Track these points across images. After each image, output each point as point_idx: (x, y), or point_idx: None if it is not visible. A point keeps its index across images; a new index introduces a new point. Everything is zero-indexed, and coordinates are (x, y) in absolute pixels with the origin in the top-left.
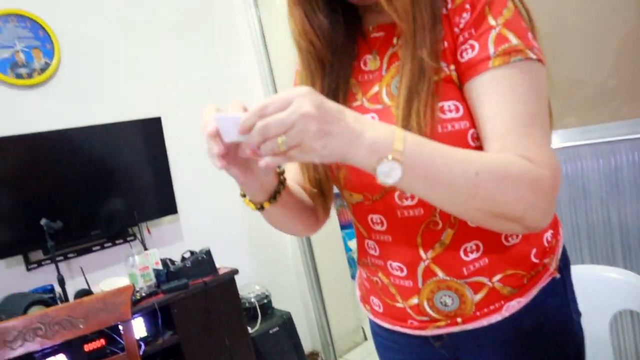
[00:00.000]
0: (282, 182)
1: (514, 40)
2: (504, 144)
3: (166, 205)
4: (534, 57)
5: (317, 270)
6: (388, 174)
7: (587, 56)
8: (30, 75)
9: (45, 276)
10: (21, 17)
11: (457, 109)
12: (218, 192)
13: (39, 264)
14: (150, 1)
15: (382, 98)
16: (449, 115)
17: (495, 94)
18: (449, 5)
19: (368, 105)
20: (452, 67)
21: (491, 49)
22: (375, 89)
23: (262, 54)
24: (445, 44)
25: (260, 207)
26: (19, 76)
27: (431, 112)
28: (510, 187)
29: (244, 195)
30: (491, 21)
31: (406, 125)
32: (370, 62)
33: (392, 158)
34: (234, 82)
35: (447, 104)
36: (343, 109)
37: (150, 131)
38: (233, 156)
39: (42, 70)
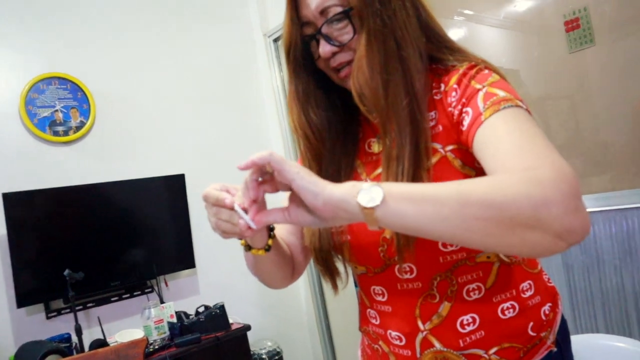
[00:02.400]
0: (272, 230)
1: (501, 93)
2: (507, 165)
3: (185, 259)
4: (524, 106)
5: (330, 327)
6: (369, 197)
7: (605, 120)
8: (66, 133)
9: (63, 324)
10: (63, 80)
11: None
12: (234, 248)
13: (59, 312)
14: (180, 66)
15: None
16: None
17: (493, 137)
18: (442, 88)
19: None
20: (449, 147)
21: (481, 105)
22: (379, 170)
23: (283, 115)
24: (440, 127)
25: (268, 248)
26: (55, 133)
27: None
28: (502, 186)
29: (248, 248)
30: (477, 86)
31: None
32: (374, 145)
33: (370, 184)
34: (255, 142)
35: None
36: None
37: (173, 187)
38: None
39: (78, 128)
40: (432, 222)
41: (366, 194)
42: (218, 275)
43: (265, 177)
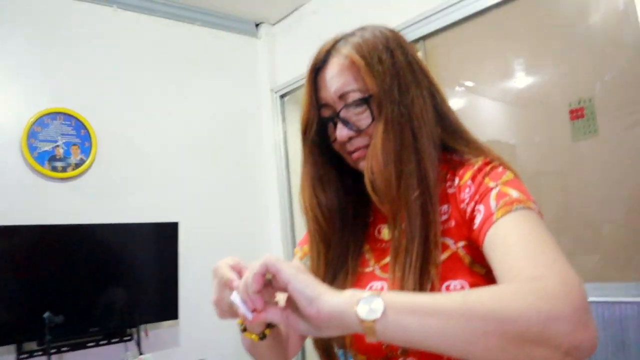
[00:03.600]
0: None
1: (514, 193)
2: (514, 273)
3: (168, 309)
4: (536, 209)
5: None
6: (369, 309)
7: (597, 202)
8: (64, 169)
9: None
10: (68, 116)
11: (463, 289)
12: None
13: (31, 354)
14: (185, 114)
15: (392, 268)
16: None
17: (503, 240)
18: (456, 182)
19: (379, 273)
20: (461, 243)
21: (493, 204)
22: (387, 259)
23: (283, 171)
24: (453, 223)
25: (263, 336)
26: (54, 168)
27: (434, 292)
28: (510, 298)
29: (244, 330)
30: (491, 184)
31: None
32: (384, 231)
33: (369, 295)
34: (252, 197)
35: (454, 283)
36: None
37: (165, 235)
38: None
39: (77, 165)
40: (437, 337)
41: (366, 304)
42: (201, 329)
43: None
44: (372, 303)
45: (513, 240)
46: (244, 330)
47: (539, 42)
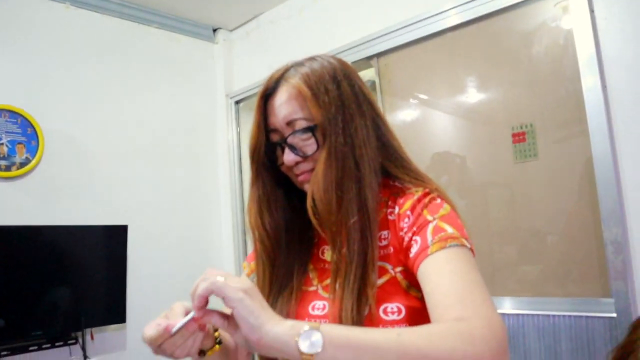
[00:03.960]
0: (217, 331)
1: (449, 229)
2: (442, 311)
3: (115, 313)
4: (468, 245)
5: None
6: (309, 343)
7: (542, 216)
8: (8, 168)
9: None
10: (14, 114)
11: (400, 311)
12: (169, 307)
13: None
14: (138, 117)
15: (333, 288)
16: (390, 317)
17: (434, 273)
18: (396, 211)
19: (322, 292)
20: (399, 269)
21: (429, 238)
22: (330, 280)
23: (236, 177)
24: (391, 249)
25: (219, 342)
26: None
27: (372, 315)
28: (439, 340)
29: (202, 354)
30: (429, 217)
31: (348, 323)
32: (327, 253)
33: (309, 328)
34: (205, 201)
35: (391, 306)
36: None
37: (114, 238)
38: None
39: (22, 164)
40: None
41: (306, 339)
42: None
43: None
44: (312, 337)
45: (444, 276)
46: (202, 354)
47: (487, 66)
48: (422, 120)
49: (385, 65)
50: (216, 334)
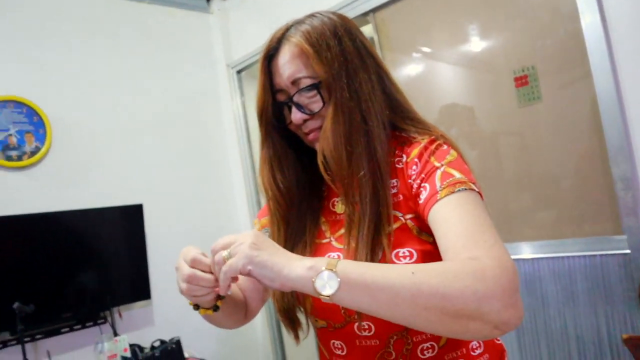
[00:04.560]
0: None
1: (457, 174)
2: (455, 251)
3: (140, 290)
4: (476, 189)
5: (286, 357)
6: (325, 285)
7: (554, 160)
8: (20, 158)
9: (10, 357)
10: (18, 104)
11: (412, 255)
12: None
13: (5, 344)
14: (141, 94)
15: (347, 240)
16: (403, 262)
17: (445, 216)
18: (404, 159)
19: (335, 244)
20: (409, 216)
21: (438, 184)
22: (342, 230)
23: (244, 145)
24: (401, 197)
25: (216, 308)
26: (8, 158)
27: (386, 261)
28: (452, 278)
29: (196, 308)
30: (436, 163)
31: None
32: (337, 205)
33: (326, 269)
34: (215, 172)
35: (402, 251)
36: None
37: (131, 217)
38: None
39: (33, 153)
40: (384, 309)
41: (322, 279)
42: (173, 307)
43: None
44: (328, 278)
45: (454, 219)
46: (197, 308)
47: (486, 12)
48: (426, 74)
49: (382, 20)
50: (218, 302)
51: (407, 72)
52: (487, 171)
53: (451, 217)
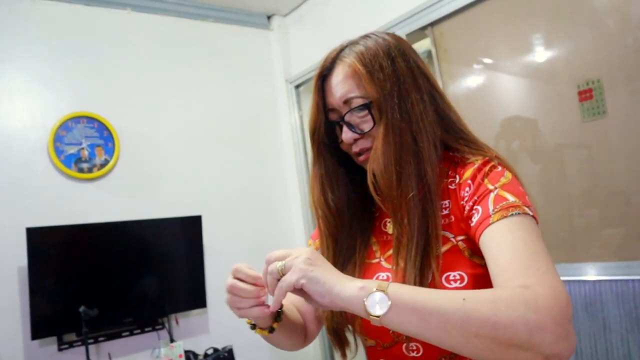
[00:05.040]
0: (278, 314)
1: (511, 198)
2: (506, 278)
3: (197, 298)
4: (531, 213)
5: None
6: (376, 306)
7: (624, 175)
8: (90, 170)
9: (75, 357)
10: (90, 119)
11: (462, 279)
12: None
13: (71, 344)
14: (203, 108)
15: (395, 260)
16: (453, 285)
17: (497, 241)
18: (457, 181)
19: (385, 264)
20: (460, 237)
21: (491, 207)
22: (392, 251)
23: (301, 160)
24: (452, 218)
25: (272, 330)
26: (80, 170)
27: (435, 284)
28: (504, 308)
29: (253, 327)
30: (490, 186)
31: None
32: (389, 226)
33: (377, 289)
34: (272, 187)
35: (453, 274)
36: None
37: (190, 228)
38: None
39: (102, 166)
40: (434, 333)
41: (373, 300)
42: (228, 317)
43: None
44: (379, 300)
45: (507, 244)
46: (253, 327)
47: (548, 22)
48: (486, 86)
49: (440, 33)
50: (274, 324)
51: (467, 84)
52: (551, 186)
53: (503, 242)
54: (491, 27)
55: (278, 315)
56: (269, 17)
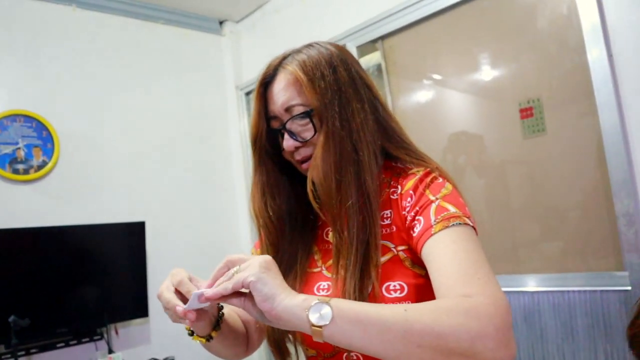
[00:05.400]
0: (220, 310)
1: (452, 209)
2: (448, 287)
3: (138, 307)
4: (471, 224)
5: None
6: (319, 317)
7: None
8: (26, 172)
9: None
10: (28, 118)
11: (402, 289)
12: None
13: None
14: (150, 112)
15: (335, 269)
16: (393, 295)
17: (439, 252)
18: (399, 190)
19: (326, 273)
20: (401, 247)
21: (432, 218)
22: (333, 262)
23: (249, 167)
24: (394, 228)
25: (209, 338)
26: (15, 171)
27: (375, 294)
28: (445, 317)
29: (191, 334)
30: (431, 197)
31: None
32: (331, 235)
33: (319, 301)
34: (219, 194)
35: (393, 284)
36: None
37: (133, 234)
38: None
39: (39, 167)
40: (376, 345)
41: (316, 311)
42: (171, 327)
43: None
44: (322, 309)
45: (448, 255)
46: (191, 334)
47: (493, 42)
48: (434, 101)
49: (390, 47)
50: (212, 333)
51: (415, 98)
52: (495, 200)
53: (445, 253)
54: (440, 43)
55: (217, 323)
56: (221, 23)
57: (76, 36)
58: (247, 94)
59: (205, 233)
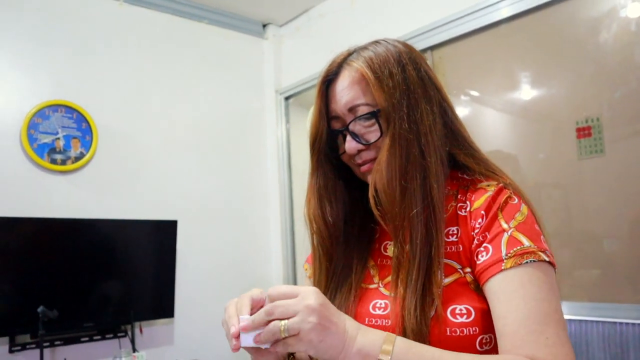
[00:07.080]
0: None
1: (526, 242)
2: (514, 343)
3: (164, 308)
4: (546, 259)
5: None
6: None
7: (599, 216)
8: (64, 162)
9: None
10: (69, 109)
11: (469, 314)
12: (215, 303)
13: (24, 347)
14: (189, 112)
15: (394, 285)
16: (459, 320)
17: (508, 294)
18: (468, 208)
19: (383, 290)
20: (468, 269)
21: (503, 251)
22: (391, 277)
23: (284, 172)
24: (461, 247)
25: None
26: (53, 161)
27: (438, 316)
28: None
29: None
30: (504, 225)
31: (412, 324)
32: (390, 249)
33: (380, 357)
34: (251, 197)
35: (459, 308)
36: (341, 313)
37: (164, 233)
38: None
39: (77, 159)
40: None
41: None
42: (196, 329)
43: None
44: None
45: (517, 300)
46: None
47: (547, 58)
48: (474, 118)
49: (439, 57)
50: None
51: (463, 112)
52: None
53: (513, 298)
54: (493, 56)
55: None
56: (264, 26)
57: (121, 31)
58: (287, 98)
59: (235, 236)
